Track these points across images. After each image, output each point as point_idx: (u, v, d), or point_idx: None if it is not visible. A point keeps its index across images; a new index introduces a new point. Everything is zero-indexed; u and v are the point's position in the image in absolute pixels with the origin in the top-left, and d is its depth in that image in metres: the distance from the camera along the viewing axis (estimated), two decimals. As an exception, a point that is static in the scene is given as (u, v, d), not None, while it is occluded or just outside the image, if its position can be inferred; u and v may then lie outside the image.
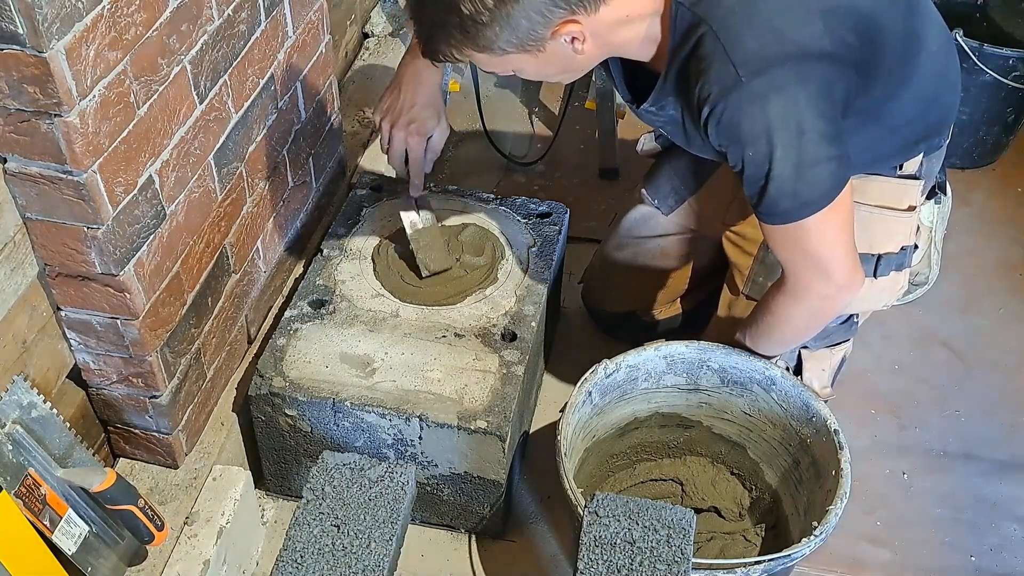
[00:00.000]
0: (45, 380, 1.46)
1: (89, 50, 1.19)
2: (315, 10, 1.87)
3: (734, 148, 1.38)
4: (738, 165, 1.39)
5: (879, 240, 1.65)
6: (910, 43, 1.50)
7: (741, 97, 1.32)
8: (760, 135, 1.33)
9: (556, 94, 2.87)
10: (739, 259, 1.80)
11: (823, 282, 1.47)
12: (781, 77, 1.32)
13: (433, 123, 1.73)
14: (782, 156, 1.34)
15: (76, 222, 1.31)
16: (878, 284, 1.67)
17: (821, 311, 1.55)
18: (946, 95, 1.63)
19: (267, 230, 1.85)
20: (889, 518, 1.89)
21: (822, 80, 1.34)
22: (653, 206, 1.98)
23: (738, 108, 1.33)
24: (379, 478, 1.45)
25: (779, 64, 1.32)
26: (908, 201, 1.65)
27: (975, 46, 2.38)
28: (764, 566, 1.44)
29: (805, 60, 1.33)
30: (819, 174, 1.36)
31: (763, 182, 1.37)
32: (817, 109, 1.34)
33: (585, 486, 1.78)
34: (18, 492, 1.31)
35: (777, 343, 1.66)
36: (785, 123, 1.33)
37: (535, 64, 1.39)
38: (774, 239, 1.47)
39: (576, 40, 1.35)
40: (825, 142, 1.35)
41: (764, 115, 1.32)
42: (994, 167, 2.71)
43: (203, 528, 1.58)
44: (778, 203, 1.38)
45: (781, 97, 1.32)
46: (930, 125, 1.63)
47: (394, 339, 1.75)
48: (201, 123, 1.51)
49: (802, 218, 1.39)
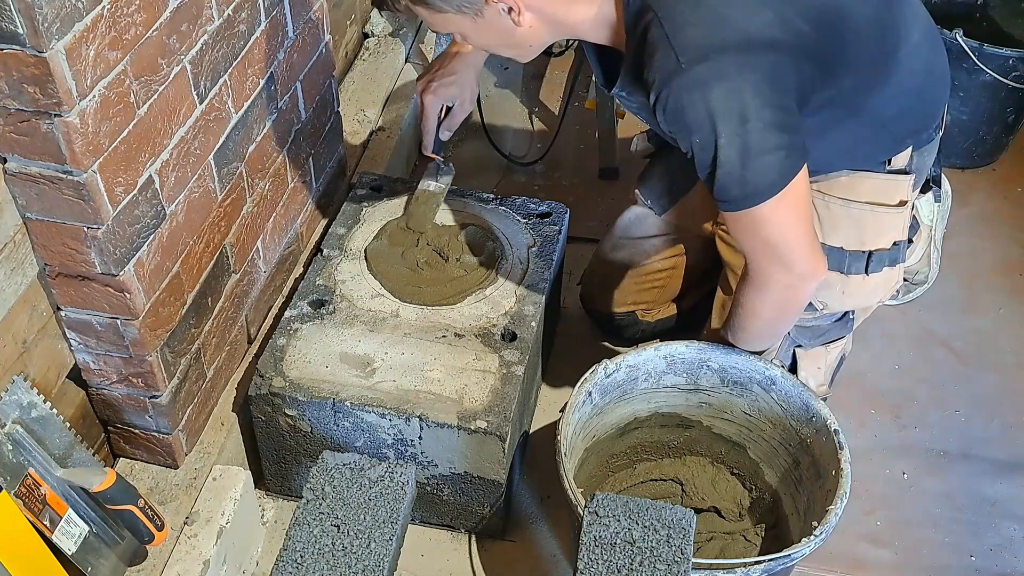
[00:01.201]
0: (45, 380, 1.46)
1: (89, 50, 1.19)
2: (315, 10, 1.87)
3: (681, 135, 1.38)
4: (688, 151, 1.39)
5: (870, 237, 1.64)
6: (886, 36, 1.50)
7: (682, 84, 1.32)
8: (703, 122, 1.33)
9: (556, 94, 2.87)
10: (732, 259, 1.80)
11: (783, 271, 1.47)
12: (724, 65, 1.32)
13: (455, 92, 1.81)
14: (726, 144, 1.34)
15: (76, 222, 1.31)
16: (871, 280, 1.67)
17: (786, 301, 1.54)
18: (932, 89, 1.63)
19: (267, 230, 1.85)
20: (889, 518, 1.89)
21: (769, 69, 1.34)
22: (647, 206, 1.98)
23: (679, 95, 1.33)
24: (379, 478, 1.45)
25: (722, 52, 1.32)
26: (899, 196, 1.65)
27: (975, 46, 2.38)
28: (764, 566, 1.44)
29: (750, 49, 1.33)
30: (766, 163, 1.36)
31: (710, 169, 1.37)
32: (763, 98, 1.33)
33: (585, 486, 1.78)
34: (18, 492, 1.31)
35: (753, 337, 1.66)
36: (728, 111, 1.32)
37: (475, 30, 1.42)
38: (733, 227, 1.47)
39: (512, 11, 1.37)
40: (771, 131, 1.34)
41: (706, 102, 1.32)
42: (994, 167, 2.71)
43: (203, 528, 1.58)
44: (728, 190, 1.39)
45: (723, 85, 1.32)
46: (917, 119, 1.62)
47: (394, 339, 1.75)
48: (201, 123, 1.51)
49: (753, 205, 1.39)
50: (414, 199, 1.97)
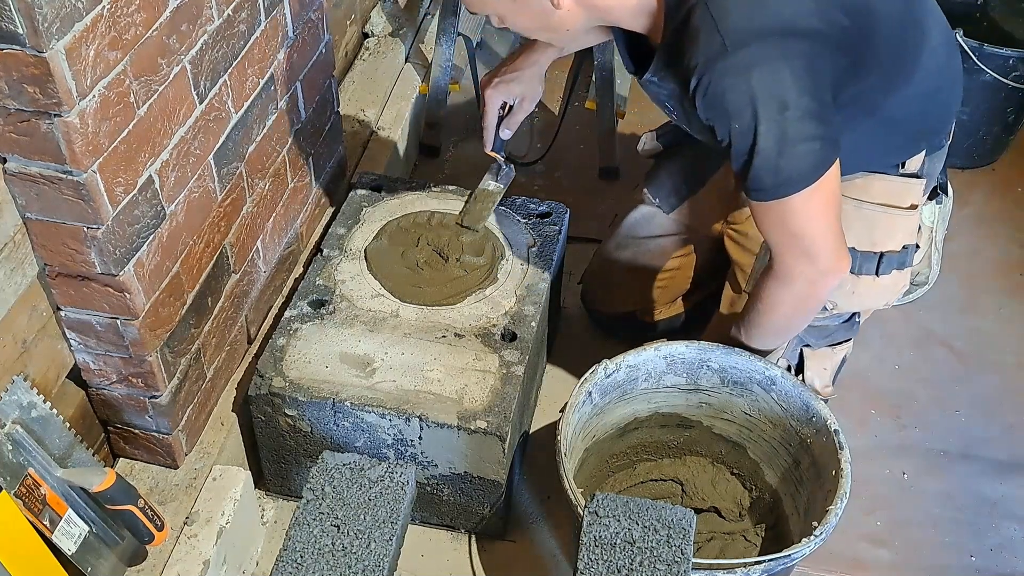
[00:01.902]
0: (45, 380, 1.46)
1: (89, 50, 1.19)
2: (315, 10, 1.87)
3: (720, 121, 1.38)
4: (725, 139, 1.39)
5: (882, 238, 1.65)
6: (909, 35, 1.51)
7: (727, 68, 1.33)
8: (745, 107, 1.34)
9: (556, 94, 2.87)
10: (741, 257, 1.80)
11: (808, 264, 1.47)
12: (767, 50, 1.33)
13: (517, 89, 1.81)
14: (765, 130, 1.34)
15: (76, 222, 1.31)
16: (880, 282, 1.67)
17: (808, 296, 1.54)
18: (948, 92, 1.64)
19: (267, 230, 1.85)
20: (889, 518, 1.89)
21: (808, 57, 1.35)
22: (654, 205, 1.98)
23: (723, 78, 1.34)
24: (379, 478, 1.45)
25: (766, 37, 1.33)
26: (911, 199, 1.66)
27: (975, 46, 2.38)
28: (764, 566, 1.44)
29: (791, 36, 1.34)
30: (802, 151, 1.36)
31: (747, 156, 1.38)
32: (802, 86, 1.34)
33: (585, 486, 1.78)
34: (18, 492, 1.31)
35: (768, 333, 1.66)
36: (769, 97, 1.33)
37: (513, 11, 1.42)
38: (760, 218, 1.47)
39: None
40: (809, 120, 1.35)
41: (748, 87, 1.33)
42: (994, 167, 2.71)
43: (203, 528, 1.58)
44: (762, 178, 1.39)
45: (766, 70, 1.33)
46: (932, 122, 1.63)
47: (394, 339, 1.75)
48: (201, 123, 1.51)
49: (785, 195, 1.39)
50: (472, 197, 1.96)
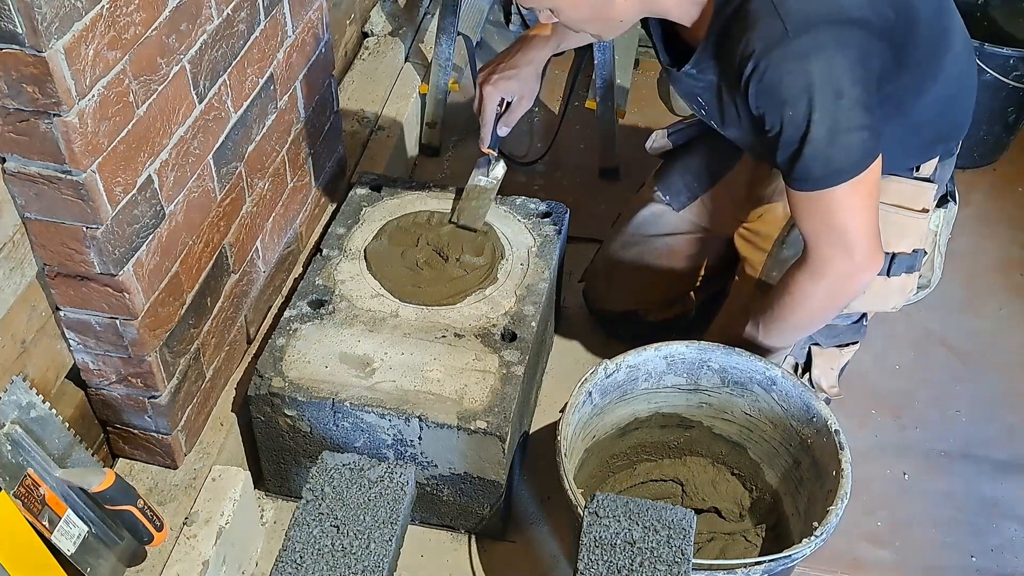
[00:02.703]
0: (44, 380, 1.46)
1: (88, 50, 1.19)
2: (314, 10, 1.87)
3: (773, 108, 1.39)
4: (776, 127, 1.40)
5: (894, 239, 1.65)
6: (939, 39, 1.52)
7: (786, 54, 1.34)
8: (801, 94, 1.35)
9: (556, 94, 2.86)
10: (752, 255, 1.79)
11: (845, 258, 1.48)
12: (825, 38, 1.34)
13: (515, 86, 1.80)
14: (820, 118, 1.35)
15: (75, 222, 1.31)
16: (890, 284, 1.68)
17: (840, 291, 1.55)
18: (966, 98, 1.65)
19: (266, 230, 1.85)
20: (889, 518, 1.89)
21: (861, 47, 1.36)
22: (664, 203, 1.98)
23: (781, 64, 1.35)
24: (379, 478, 1.45)
25: (824, 24, 1.34)
26: (923, 203, 1.67)
27: (976, 46, 2.37)
28: (765, 566, 1.44)
29: (847, 24, 1.35)
30: (852, 141, 1.38)
31: (798, 145, 1.38)
32: (854, 75, 1.35)
33: (585, 486, 1.78)
34: (17, 492, 1.31)
35: (790, 328, 1.66)
36: (825, 84, 1.34)
37: (571, 4, 1.43)
38: (801, 209, 1.47)
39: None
40: (859, 109, 1.36)
41: (806, 74, 1.34)
42: (994, 167, 2.71)
43: (202, 528, 1.58)
44: (811, 168, 1.40)
45: (823, 57, 1.34)
46: (948, 126, 1.65)
47: (394, 339, 1.75)
48: (200, 123, 1.51)
49: (831, 186, 1.40)
50: (464, 195, 1.95)
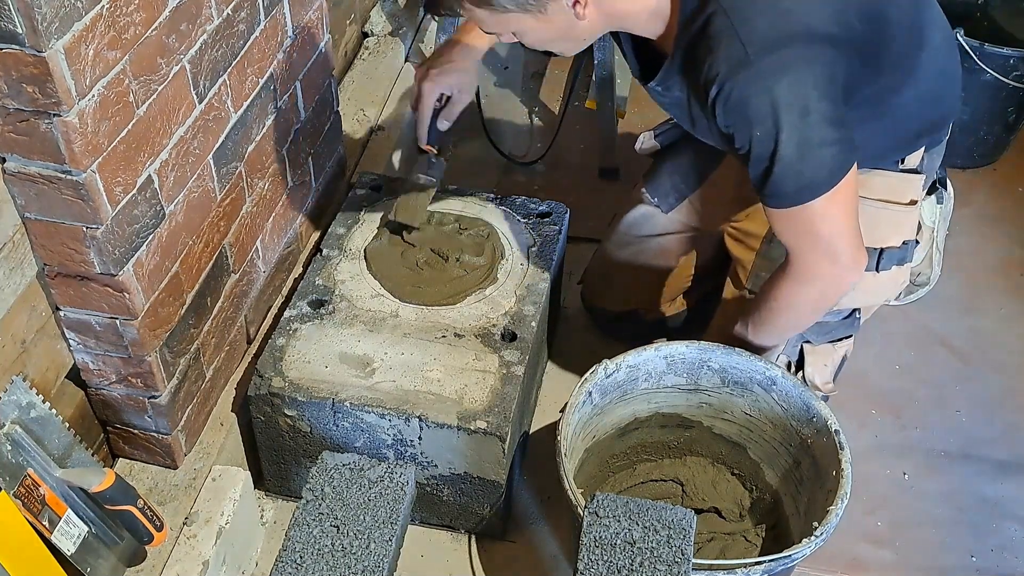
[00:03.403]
0: (44, 380, 1.46)
1: (88, 49, 1.19)
2: (314, 10, 1.87)
3: (741, 129, 1.38)
4: (745, 146, 1.39)
5: (882, 234, 1.65)
6: (915, 37, 1.52)
7: (750, 76, 1.33)
8: (767, 115, 1.34)
9: (556, 94, 2.86)
10: (742, 254, 1.80)
11: (830, 264, 1.48)
12: (789, 57, 1.33)
13: (453, 80, 1.77)
14: (787, 137, 1.35)
15: (75, 222, 1.31)
16: (880, 278, 1.68)
17: (827, 294, 1.55)
18: (948, 91, 1.65)
19: (266, 230, 1.85)
20: (890, 518, 1.89)
21: (828, 63, 1.36)
22: (653, 204, 1.98)
23: (746, 87, 1.34)
24: (379, 478, 1.45)
25: (787, 44, 1.33)
26: (910, 195, 1.66)
27: (976, 45, 2.38)
28: (765, 566, 1.44)
29: (812, 42, 1.35)
30: (823, 156, 1.37)
31: (768, 163, 1.38)
32: (822, 91, 1.35)
33: (585, 486, 1.77)
34: (17, 492, 1.31)
35: (780, 330, 1.67)
36: (791, 103, 1.34)
37: (536, 27, 1.41)
38: (780, 223, 1.47)
39: (578, 4, 1.36)
40: (829, 124, 1.36)
41: (771, 95, 1.33)
42: (995, 167, 2.71)
43: (202, 528, 1.58)
44: (783, 185, 1.39)
45: (788, 77, 1.34)
46: (932, 119, 1.64)
47: (394, 339, 1.75)
48: (200, 123, 1.51)
49: (806, 201, 1.40)
50: (403, 191, 1.93)
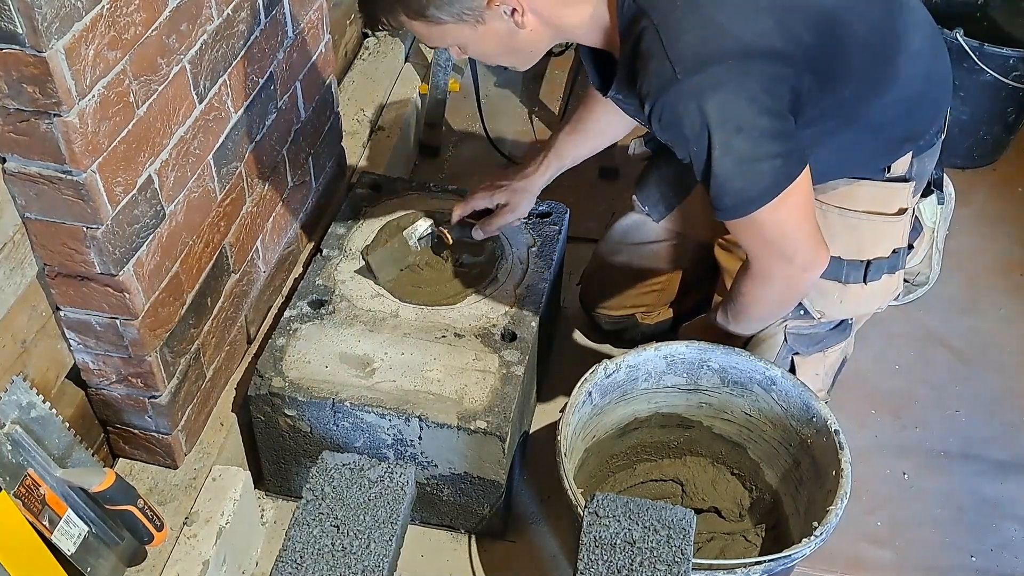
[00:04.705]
0: (44, 380, 1.46)
1: (88, 50, 1.19)
2: (315, 10, 1.87)
3: (679, 144, 1.37)
4: (686, 158, 1.39)
5: (868, 246, 1.64)
6: (886, 44, 1.48)
7: (679, 94, 1.31)
8: (700, 133, 1.32)
9: (556, 94, 2.87)
10: (730, 264, 1.79)
11: (785, 265, 1.47)
12: (720, 74, 1.30)
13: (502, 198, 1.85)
14: (721, 154, 1.32)
15: (75, 222, 1.31)
16: (870, 289, 1.66)
17: (788, 291, 1.55)
18: (932, 95, 1.61)
19: (266, 230, 1.85)
20: (889, 518, 1.89)
21: (766, 77, 1.32)
22: (644, 213, 1.98)
23: (675, 105, 1.32)
24: (379, 478, 1.45)
25: (718, 61, 1.30)
26: (898, 204, 1.64)
27: (975, 46, 2.38)
28: (764, 566, 1.44)
29: (748, 57, 1.31)
30: (761, 170, 1.35)
31: (706, 179, 1.37)
32: (759, 106, 1.32)
33: (585, 486, 1.78)
34: (17, 492, 1.31)
35: (753, 320, 1.68)
36: (723, 121, 1.31)
37: (475, 39, 1.39)
38: (732, 229, 1.46)
39: (516, 12, 1.34)
40: (767, 139, 1.33)
41: (701, 112, 1.30)
42: (994, 167, 2.71)
43: (202, 528, 1.58)
44: (722, 199, 1.38)
45: (719, 95, 1.30)
46: (915, 126, 1.60)
47: (394, 339, 1.75)
48: (200, 123, 1.51)
49: (750, 212, 1.38)
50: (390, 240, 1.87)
